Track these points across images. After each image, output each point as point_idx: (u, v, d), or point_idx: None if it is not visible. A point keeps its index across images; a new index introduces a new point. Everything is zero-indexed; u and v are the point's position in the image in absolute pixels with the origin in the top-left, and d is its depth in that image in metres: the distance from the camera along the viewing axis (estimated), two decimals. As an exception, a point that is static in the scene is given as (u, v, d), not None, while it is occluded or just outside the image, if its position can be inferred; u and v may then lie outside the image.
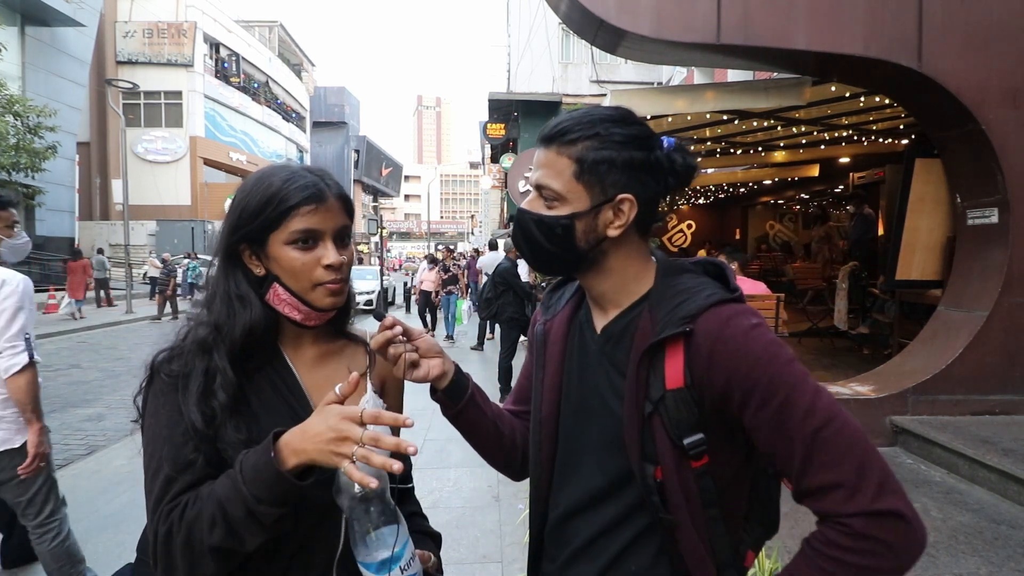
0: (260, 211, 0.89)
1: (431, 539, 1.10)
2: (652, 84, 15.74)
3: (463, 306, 10.06)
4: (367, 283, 15.95)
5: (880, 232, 8.10)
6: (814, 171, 9.67)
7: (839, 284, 7.37)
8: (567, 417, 0.96)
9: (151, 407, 0.89)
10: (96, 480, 4.07)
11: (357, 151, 45.68)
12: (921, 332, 4.63)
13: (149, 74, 25.11)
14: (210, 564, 0.78)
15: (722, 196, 13.92)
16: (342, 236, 0.94)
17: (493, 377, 6.54)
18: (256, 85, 32.10)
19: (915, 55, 3.92)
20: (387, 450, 0.76)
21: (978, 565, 2.59)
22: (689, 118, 6.58)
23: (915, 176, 4.92)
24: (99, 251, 17.24)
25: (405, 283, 18.78)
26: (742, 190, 12.98)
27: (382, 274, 16.45)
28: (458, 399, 1.00)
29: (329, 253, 0.91)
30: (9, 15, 17.31)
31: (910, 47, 3.92)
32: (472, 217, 64.41)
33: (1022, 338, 4.03)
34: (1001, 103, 3.93)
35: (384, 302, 16.23)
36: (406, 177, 71.88)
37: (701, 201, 14.60)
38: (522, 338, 6.99)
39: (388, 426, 0.79)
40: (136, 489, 2.90)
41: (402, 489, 1.07)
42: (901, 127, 7.18)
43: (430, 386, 0.99)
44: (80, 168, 22.14)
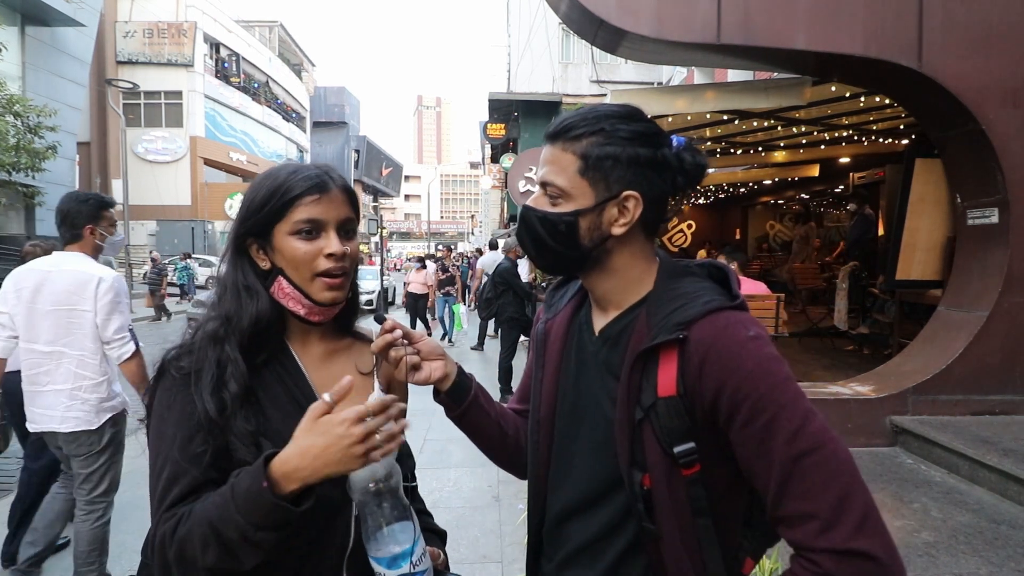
0: (265, 203, 0.90)
1: (438, 536, 1.10)
2: (652, 84, 15.74)
3: (460, 309, 9.79)
4: (367, 283, 15.95)
5: (880, 232, 8.10)
6: (814, 171, 9.66)
7: (839, 284, 7.38)
8: (563, 418, 0.95)
9: (159, 404, 0.89)
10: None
11: (357, 151, 45.67)
12: (921, 332, 4.63)
13: (149, 74, 25.12)
14: None
15: (722, 196, 13.92)
16: (346, 228, 0.94)
17: (494, 377, 6.54)
18: (256, 85, 32.09)
19: (915, 55, 3.91)
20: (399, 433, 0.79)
21: (978, 565, 2.58)
22: (689, 118, 6.58)
23: (915, 176, 4.93)
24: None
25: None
26: (742, 190, 12.97)
27: (382, 274, 16.46)
28: (461, 401, 0.99)
29: (331, 243, 0.91)
30: (9, 15, 17.29)
31: (910, 47, 3.92)
32: (472, 217, 64.40)
33: (1022, 338, 4.03)
34: (1001, 103, 3.93)
35: (384, 302, 16.23)
36: (406, 177, 71.86)
37: (701, 201, 14.60)
38: (523, 338, 6.99)
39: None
40: (135, 489, 2.91)
41: (407, 487, 1.07)
42: (901, 127, 7.18)
43: (433, 388, 0.99)
44: (80, 168, 22.11)
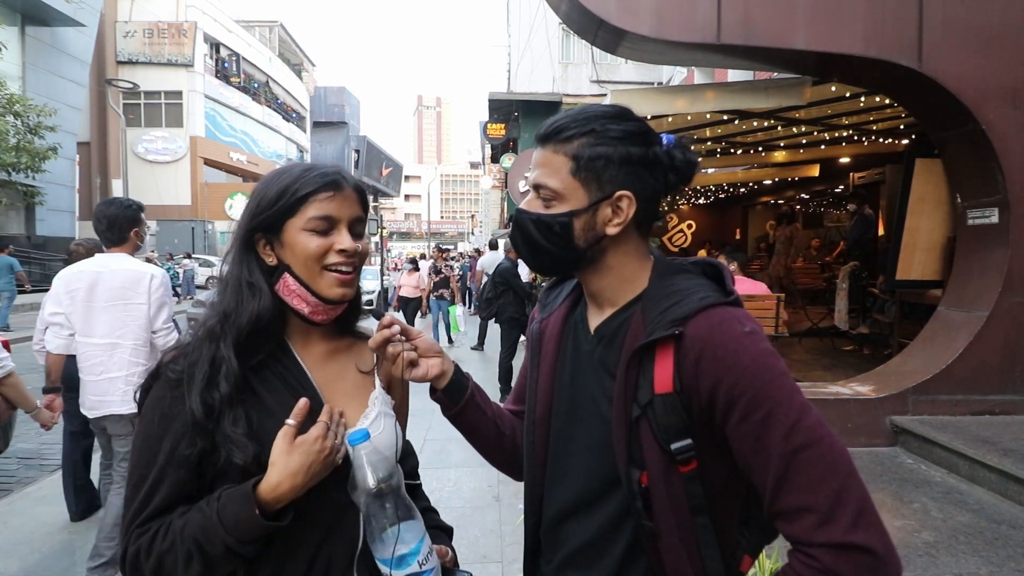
0: (278, 198, 0.91)
1: (444, 533, 1.11)
2: (652, 84, 15.74)
3: (457, 311, 9.56)
4: (367, 283, 15.99)
5: (880, 232, 8.10)
6: (814, 171, 9.65)
7: (839, 284, 7.37)
8: (559, 418, 0.94)
9: (148, 405, 0.89)
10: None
11: (357, 151, 45.62)
12: (921, 332, 4.63)
13: (149, 74, 25.11)
14: None
15: (722, 196, 13.90)
16: (357, 227, 0.95)
17: (493, 377, 6.54)
18: (256, 85, 32.09)
19: (915, 55, 3.91)
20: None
21: (978, 565, 2.58)
22: (689, 118, 6.57)
23: (915, 176, 4.93)
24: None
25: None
26: (742, 190, 12.96)
27: (382, 274, 16.48)
28: (457, 399, 0.99)
29: (344, 239, 0.92)
30: (9, 15, 17.30)
31: (910, 47, 3.92)
32: (472, 217, 64.38)
33: (1022, 338, 4.03)
34: (1001, 103, 3.93)
35: (384, 302, 16.25)
36: (406, 177, 71.80)
37: (701, 201, 14.58)
38: (522, 338, 6.99)
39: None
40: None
41: (411, 485, 1.07)
42: (901, 127, 7.17)
43: (429, 386, 0.99)
44: (80, 168, 22.12)
